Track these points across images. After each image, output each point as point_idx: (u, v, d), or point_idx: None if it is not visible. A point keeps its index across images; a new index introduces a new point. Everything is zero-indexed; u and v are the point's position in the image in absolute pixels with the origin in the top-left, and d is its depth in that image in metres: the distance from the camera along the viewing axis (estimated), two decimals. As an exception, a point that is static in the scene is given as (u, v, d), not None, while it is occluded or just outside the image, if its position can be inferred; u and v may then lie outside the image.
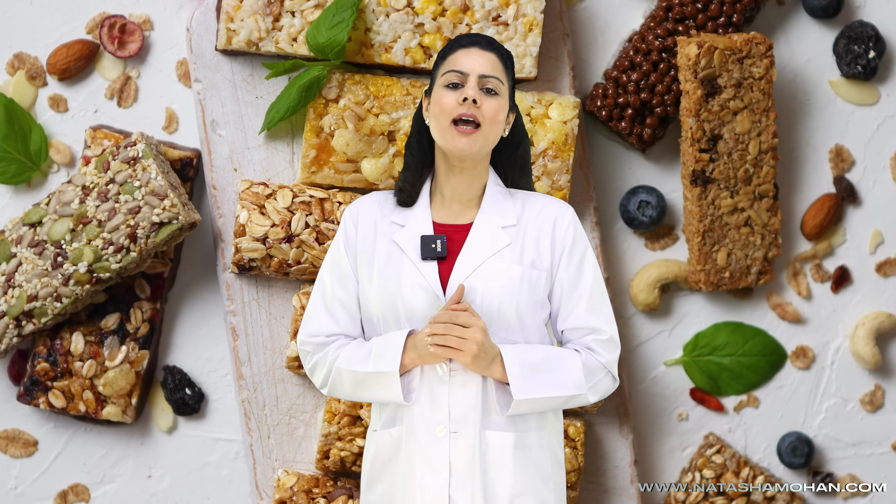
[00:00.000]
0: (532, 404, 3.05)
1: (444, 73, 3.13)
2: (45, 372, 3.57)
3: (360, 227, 3.17)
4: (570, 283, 3.13)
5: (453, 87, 3.10)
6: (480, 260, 3.09)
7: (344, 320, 3.15)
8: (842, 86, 3.78)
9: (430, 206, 3.17)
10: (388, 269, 3.11)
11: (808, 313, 3.79)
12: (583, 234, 3.16)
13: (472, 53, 3.13)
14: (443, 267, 3.11)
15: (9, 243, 3.52)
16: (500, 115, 3.11)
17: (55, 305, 3.49)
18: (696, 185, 3.63)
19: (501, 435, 3.07)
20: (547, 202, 3.18)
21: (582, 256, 3.14)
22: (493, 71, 3.11)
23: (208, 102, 3.59)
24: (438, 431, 3.06)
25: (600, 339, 3.12)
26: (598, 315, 3.12)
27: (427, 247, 3.10)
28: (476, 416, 3.06)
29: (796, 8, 3.77)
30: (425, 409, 3.07)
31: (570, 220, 3.15)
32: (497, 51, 3.14)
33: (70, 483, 3.69)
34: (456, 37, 3.22)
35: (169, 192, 3.46)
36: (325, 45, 3.49)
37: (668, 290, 3.77)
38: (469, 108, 3.08)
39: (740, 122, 3.62)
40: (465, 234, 3.13)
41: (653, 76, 3.65)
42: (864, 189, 3.79)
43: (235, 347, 3.60)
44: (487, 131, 3.09)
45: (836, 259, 3.80)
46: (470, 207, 3.16)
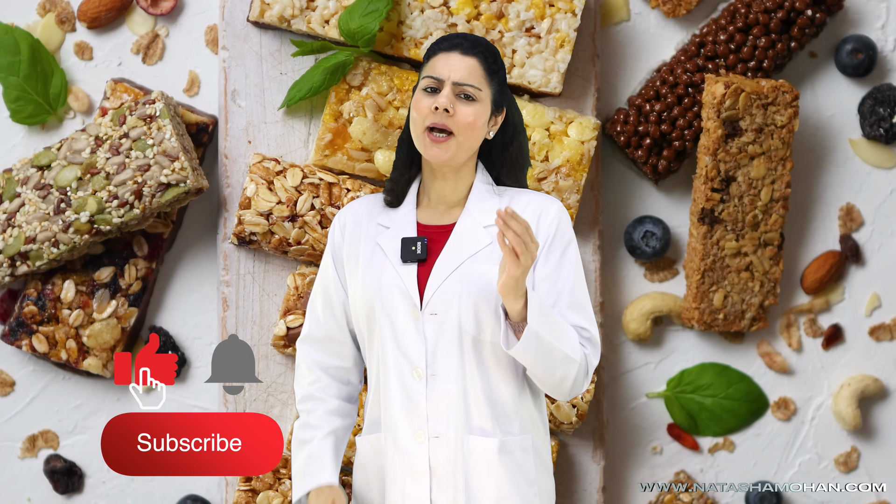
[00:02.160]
0: (538, 346, 2.94)
1: (424, 76, 3.08)
2: (33, 315, 3.57)
3: (346, 233, 3.16)
4: (549, 279, 3.06)
5: (431, 91, 3.06)
6: (459, 261, 3.05)
7: (332, 326, 3.15)
8: (862, 146, 3.78)
9: (416, 208, 3.14)
10: (369, 271, 3.10)
11: (795, 366, 3.79)
12: (567, 229, 3.09)
13: (452, 58, 3.07)
14: (423, 269, 3.08)
15: (15, 182, 3.52)
16: (478, 121, 3.06)
17: (52, 251, 3.49)
18: (704, 223, 3.63)
19: (485, 440, 3.03)
20: (533, 198, 3.13)
21: (563, 251, 3.08)
22: (471, 77, 3.05)
23: (232, 71, 3.59)
24: (417, 437, 3.04)
25: (583, 336, 3.04)
26: (580, 313, 3.06)
27: (407, 249, 3.07)
28: (458, 420, 3.03)
29: (828, 62, 3.77)
30: (403, 414, 3.05)
31: (554, 215, 3.09)
32: (480, 54, 3.08)
33: (41, 428, 3.69)
34: (441, 37, 3.14)
35: (181, 154, 3.46)
36: (355, 31, 3.49)
37: (661, 322, 3.77)
38: (441, 118, 3.04)
39: (756, 167, 3.62)
40: (447, 236, 3.10)
41: (676, 109, 3.65)
42: (869, 251, 3.79)
43: (224, 318, 3.60)
44: (462, 139, 3.05)
45: (831, 316, 3.80)
46: (455, 208, 3.13)
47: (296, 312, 3.53)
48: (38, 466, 3.69)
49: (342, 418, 3.15)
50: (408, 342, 3.05)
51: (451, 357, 3.05)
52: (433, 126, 3.04)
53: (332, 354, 3.16)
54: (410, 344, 3.05)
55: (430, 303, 3.05)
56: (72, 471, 3.68)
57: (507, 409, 3.06)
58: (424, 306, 3.05)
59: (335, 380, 3.16)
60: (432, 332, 3.05)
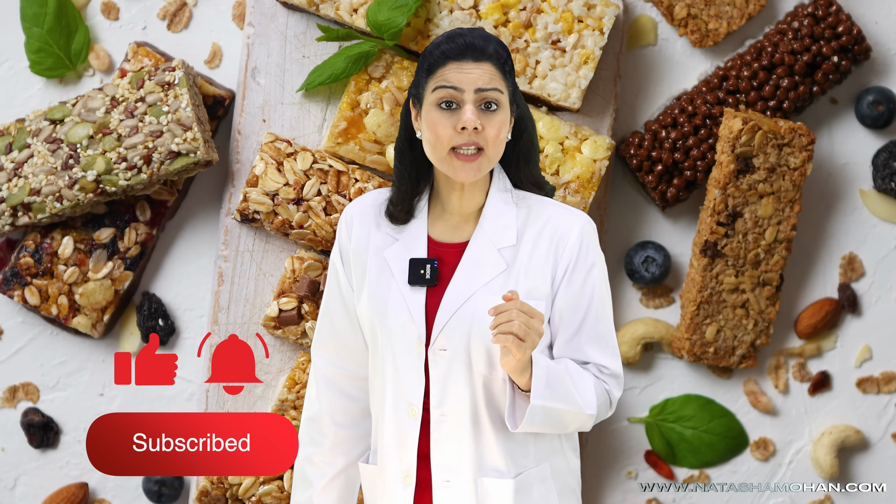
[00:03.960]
0: (545, 415, 2.78)
1: (436, 87, 2.84)
2: (28, 267, 3.57)
3: (353, 234, 2.99)
4: (568, 310, 2.86)
5: (447, 105, 2.83)
6: (471, 291, 2.85)
7: (345, 330, 3.01)
8: (872, 197, 3.78)
9: (427, 219, 2.95)
10: (376, 288, 2.91)
11: (779, 407, 3.79)
12: (589, 252, 2.88)
13: (466, 67, 2.83)
14: (433, 294, 2.88)
15: (26, 133, 3.51)
16: (504, 128, 2.85)
17: (55, 205, 3.49)
18: (706, 255, 3.63)
19: (500, 483, 2.86)
20: (553, 215, 2.92)
21: (585, 277, 2.87)
22: (491, 82, 2.83)
23: (255, 49, 3.59)
24: (405, 480, 2.88)
25: (603, 373, 2.87)
26: (601, 348, 2.87)
27: (415, 272, 2.87)
28: (470, 463, 2.86)
29: (848, 110, 3.77)
30: (392, 451, 2.90)
31: (577, 237, 2.87)
32: (492, 57, 2.85)
33: (23, 380, 3.69)
34: (443, 41, 2.87)
35: (194, 125, 3.46)
36: (382, 23, 3.49)
37: (651, 349, 3.77)
38: (469, 137, 2.82)
39: (764, 206, 3.62)
40: (460, 256, 2.90)
41: (691, 139, 3.65)
42: (866, 303, 3.79)
43: (218, 292, 3.60)
44: (491, 153, 2.85)
45: (820, 363, 3.80)
46: (469, 221, 2.93)
47: (290, 295, 3.53)
48: (16, 418, 3.69)
49: (346, 456, 3.03)
50: (407, 376, 2.88)
51: (462, 397, 2.86)
52: (460, 146, 2.83)
53: (345, 360, 3.03)
54: (410, 378, 2.88)
55: (440, 337, 2.86)
56: (48, 426, 3.68)
57: (525, 445, 2.90)
58: (433, 341, 2.87)
59: (346, 396, 3.03)
60: (441, 370, 2.86)
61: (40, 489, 3.70)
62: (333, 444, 3.04)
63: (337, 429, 3.04)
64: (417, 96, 2.92)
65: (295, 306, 3.53)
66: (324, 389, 3.04)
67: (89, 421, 3.68)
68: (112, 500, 3.71)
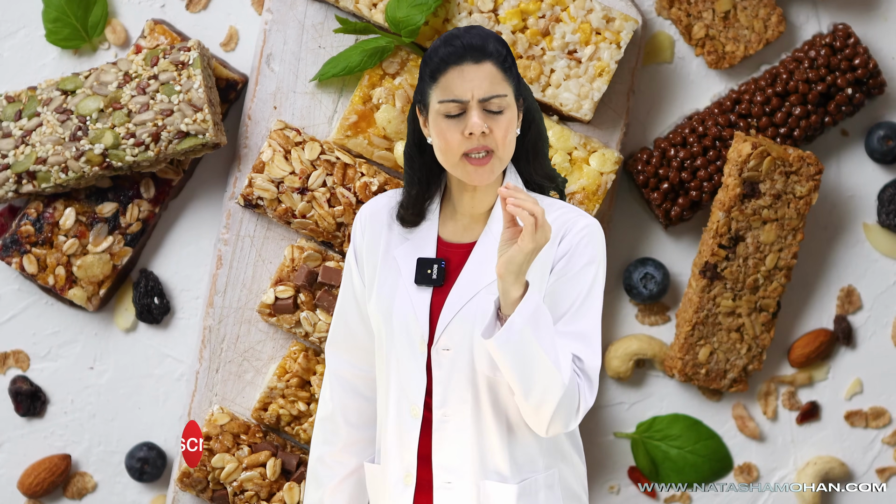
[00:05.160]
0: (519, 345, 2.65)
1: (440, 101, 2.82)
2: (28, 235, 3.57)
3: (366, 234, 2.99)
4: (555, 297, 2.80)
5: (453, 115, 2.83)
6: (475, 290, 2.83)
7: (358, 330, 3.02)
8: (875, 232, 3.78)
9: (438, 220, 2.94)
10: (384, 287, 2.91)
11: (766, 434, 3.79)
12: (589, 247, 2.83)
13: (467, 72, 2.81)
14: (439, 295, 2.87)
15: (37, 101, 3.51)
16: (512, 127, 2.84)
17: (60, 176, 3.49)
18: (705, 276, 3.63)
19: (502, 487, 2.82)
20: (561, 213, 2.89)
21: (580, 270, 2.82)
22: (493, 87, 2.81)
23: (272, 35, 3.59)
24: (406, 480, 2.87)
25: (577, 367, 2.77)
26: (580, 342, 2.78)
27: (422, 271, 2.87)
28: (472, 465, 2.83)
29: (858, 143, 3.77)
30: (395, 451, 2.88)
31: (578, 232, 2.84)
32: (492, 55, 2.83)
33: (14, 348, 3.69)
34: (441, 45, 2.85)
35: (205, 106, 3.46)
36: (401, 20, 3.49)
37: (643, 365, 3.77)
38: (478, 141, 2.80)
39: (767, 232, 3.62)
40: (468, 256, 2.89)
41: (700, 160, 3.65)
42: (861, 336, 3.79)
43: (216, 275, 3.59)
44: (502, 154, 2.83)
45: (811, 392, 3.80)
46: (479, 221, 2.92)
47: (287, 284, 3.53)
48: (4, 385, 3.69)
49: (357, 456, 3.03)
50: (409, 375, 2.87)
51: (465, 398, 2.83)
52: (470, 151, 2.82)
53: (359, 361, 3.03)
54: (412, 378, 2.86)
55: (443, 337, 2.85)
56: (36, 395, 3.68)
57: (530, 449, 2.87)
58: (436, 341, 2.85)
59: (359, 397, 3.03)
60: (444, 370, 2.84)
61: (23, 457, 3.70)
62: (346, 444, 3.05)
63: (349, 429, 3.04)
64: (423, 103, 2.90)
65: (291, 295, 3.53)
66: (337, 389, 3.05)
67: (77, 393, 3.68)
68: (94, 475, 3.71)
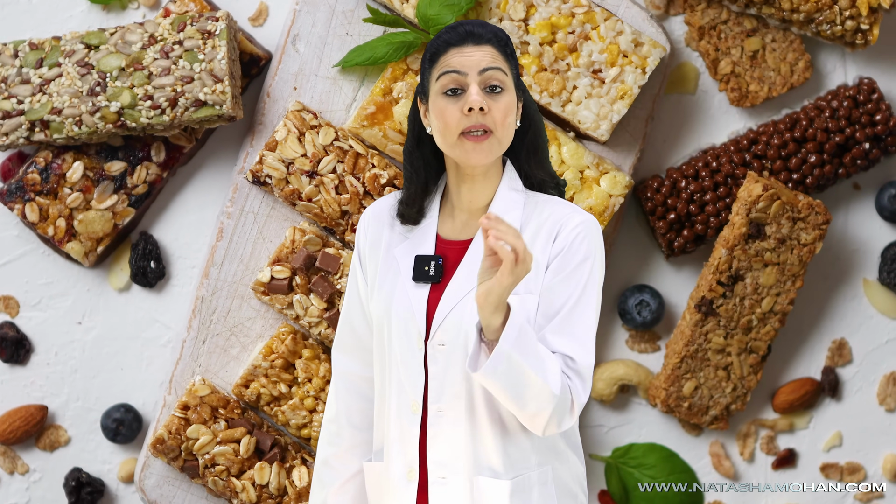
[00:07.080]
0: (508, 371, 2.65)
1: (440, 75, 2.84)
2: (34, 183, 3.57)
3: (368, 236, 3.02)
4: (549, 295, 2.80)
5: (452, 92, 2.84)
6: (471, 286, 2.83)
7: (363, 332, 3.02)
8: (874, 288, 3.78)
9: (437, 218, 2.96)
10: (384, 285, 2.93)
11: (741, 475, 3.79)
12: (584, 244, 2.81)
13: (467, 51, 2.84)
14: (436, 292, 2.88)
15: (60, 52, 3.51)
16: (511, 111, 2.84)
17: (73, 128, 3.49)
18: (699, 311, 3.63)
19: (495, 483, 2.83)
20: (556, 209, 2.88)
21: (574, 268, 2.81)
22: (494, 61, 2.83)
23: (301, 17, 3.59)
24: (409, 475, 2.87)
25: (568, 366, 2.77)
26: (571, 340, 2.77)
27: (420, 268, 2.88)
28: (465, 461, 2.84)
29: (868, 198, 3.77)
30: (397, 447, 2.89)
31: (573, 228, 2.83)
32: (490, 41, 2.86)
33: (5, 293, 3.69)
34: (443, 30, 2.89)
35: (226, 78, 3.46)
36: (431, 17, 3.49)
37: (626, 391, 3.77)
38: (477, 119, 2.81)
39: (767, 274, 3.61)
40: (465, 253, 2.90)
41: (709, 194, 3.65)
42: (847, 390, 3.79)
43: (215, 247, 3.59)
44: (501, 135, 2.83)
45: (790, 439, 3.80)
46: (477, 218, 2.91)
47: (284, 265, 3.53)
48: (-9, 328, 3.70)
49: (361, 458, 3.04)
50: (408, 371, 2.88)
51: (459, 393, 2.84)
52: (468, 129, 2.83)
53: (364, 363, 3.04)
54: (411, 374, 2.88)
55: (438, 332, 2.86)
56: (21, 343, 3.68)
57: (523, 446, 2.86)
58: (432, 336, 2.86)
59: (364, 399, 3.03)
60: (440, 365, 2.85)
61: (1, 403, 3.70)
62: (350, 445, 3.06)
63: (353, 431, 3.05)
64: (424, 92, 2.93)
65: (287, 276, 3.53)
66: (342, 391, 3.06)
67: (62, 346, 3.69)
68: (69, 429, 3.71)
